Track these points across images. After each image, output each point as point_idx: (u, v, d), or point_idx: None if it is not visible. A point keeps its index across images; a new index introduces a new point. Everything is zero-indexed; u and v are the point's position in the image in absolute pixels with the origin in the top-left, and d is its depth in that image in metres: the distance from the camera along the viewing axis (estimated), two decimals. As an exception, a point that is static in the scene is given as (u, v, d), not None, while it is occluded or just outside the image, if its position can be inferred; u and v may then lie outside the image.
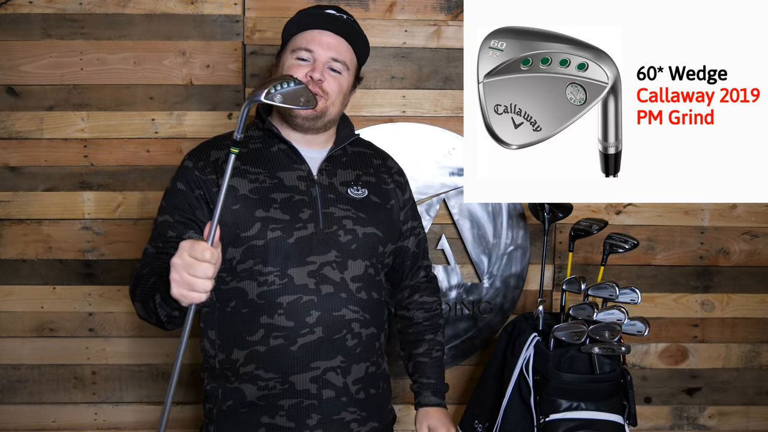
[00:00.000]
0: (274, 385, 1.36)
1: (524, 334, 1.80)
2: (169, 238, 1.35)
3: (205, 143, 1.48)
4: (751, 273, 2.19)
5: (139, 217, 2.05)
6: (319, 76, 1.41)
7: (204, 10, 2.01)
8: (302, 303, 1.35)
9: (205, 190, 1.38)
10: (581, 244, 2.10)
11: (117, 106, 2.03)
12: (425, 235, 1.67)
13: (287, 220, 1.37)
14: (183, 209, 1.38)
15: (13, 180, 2.03)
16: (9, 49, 1.99)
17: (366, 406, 1.43)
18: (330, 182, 1.45)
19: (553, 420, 1.70)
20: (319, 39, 1.43)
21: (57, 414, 2.12)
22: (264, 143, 1.47)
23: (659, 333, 2.18)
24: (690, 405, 2.23)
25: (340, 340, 1.37)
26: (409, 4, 2.05)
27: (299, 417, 1.37)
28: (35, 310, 2.08)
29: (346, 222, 1.41)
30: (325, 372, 1.37)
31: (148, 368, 2.12)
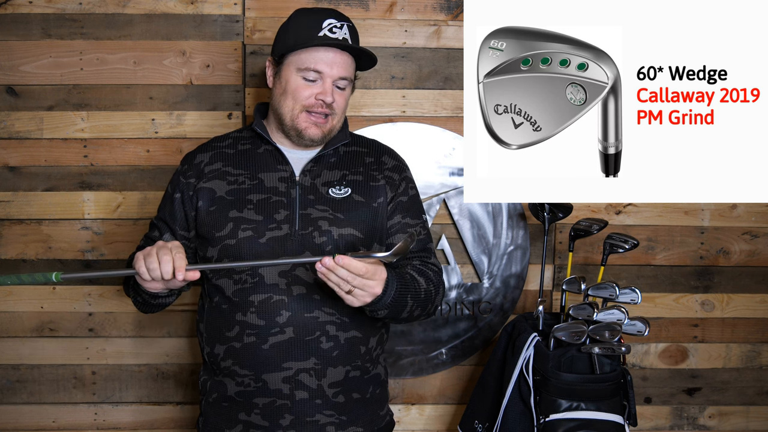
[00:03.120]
0: (249, 383, 1.39)
1: (524, 334, 1.80)
2: (153, 236, 1.50)
3: (200, 146, 1.56)
4: (751, 273, 2.19)
5: (139, 217, 2.05)
6: (330, 100, 1.42)
7: (204, 10, 2.01)
8: (273, 302, 1.37)
9: (184, 193, 1.48)
10: (581, 244, 2.10)
11: (117, 106, 2.03)
12: (428, 234, 1.57)
13: (260, 220, 1.40)
14: (163, 209, 1.52)
15: (13, 180, 2.03)
16: (9, 49, 1.99)
17: (346, 410, 1.42)
18: (312, 183, 1.45)
19: (553, 420, 1.70)
20: (326, 59, 1.42)
21: (57, 414, 2.12)
22: (252, 144, 1.51)
23: (659, 333, 2.18)
24: (690, 405, 2.23)
25: (313, 341, 1.37)
26: (409, 4, 2.05)
27: (272, 416, 1.38)
28: (35, 310, 2.08)
29: (322, 223, 1.41)
30: (298, 373, 1.37)
31: (148, 368, 2.12)
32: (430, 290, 1.42)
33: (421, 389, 2.17)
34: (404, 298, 1.35)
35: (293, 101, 1.43)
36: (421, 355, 2.13)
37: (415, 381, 2.16)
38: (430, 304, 1.44)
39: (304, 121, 1.44)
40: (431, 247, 1.55)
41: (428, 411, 2.18)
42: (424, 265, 1.48)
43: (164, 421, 2.14)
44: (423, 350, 2.13)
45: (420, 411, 2.17)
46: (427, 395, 2.17)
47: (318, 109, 1.43)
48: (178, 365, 2.12)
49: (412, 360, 2.13)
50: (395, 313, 1.35)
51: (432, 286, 1.44)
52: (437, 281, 1.47)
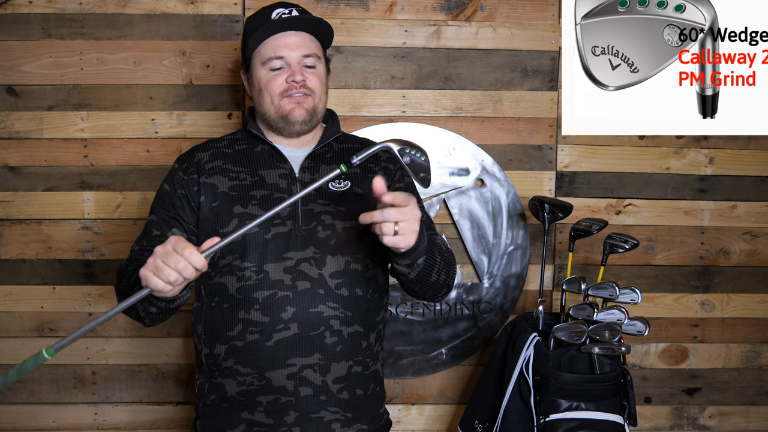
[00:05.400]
0: (252, 381, 1.38)
1: (524, 334, 1.80)
2: (153, 236, 1.40)
3: (194, 147, 1.55)
4: (751, 273, 2.19)
5: (139, 217, 2.05)
6: (300, 78, 1.43)
7: (204, 10, 2.01)
8: (277, 298, 1.36)
9: (187, 189, 1.45)
10: (581, 244, 2.10)
11: (117, 106, 2.02)
12: (429, 217, 1.52)
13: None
14: (166, 208, 1.44)
15: (13, 180, 2.03)
16: (9, 49, 1.99)
17: (351, 407, 1.42)
18: (312, 179, 1.46)
19: (553, 420, 1.70)
20: (284, 42, 1.44)
21: (57, 414, 2.12)
22: (249, 144, 1.51)
23: (659, 333, 2.18)
24: (690, 405, 2.23)
25: (317, 337, 1.37)
26: (409, 4, 2.05)
27: (277, 413, 1.37)
28: (35, 310, 2.08)
29: (325, 217, 1.42)
30: (302, 369, 1.37)
31: (148, 368, 2.12)
32: (450, 253, 1.43)
33: (421, 389, 2.17)
34: (433, 251, 1.33)
35: (269, 95, 1.45)
36: (421, 355, 2.13)
37: (415, 381, 2.16)
38: (452, 270, 1.43)
39: (287, 105, 1.45)
40: (433, 231, 1.51)
41: (428, 411, 2.18)
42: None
43: (164, 421, 2.14)
44: (423, 350, 2.13)
45: (420, 411, 2.17)
46: (427, 395, 2.17)
47: (293, 91, 1.44)
48: (178, 365, 2.11)
49: (412, 360, 2.13)
50: (429, 267, 1.33)
51: (449, 251, 1.44)
52: (450, 250, 1.46)
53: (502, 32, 2.06)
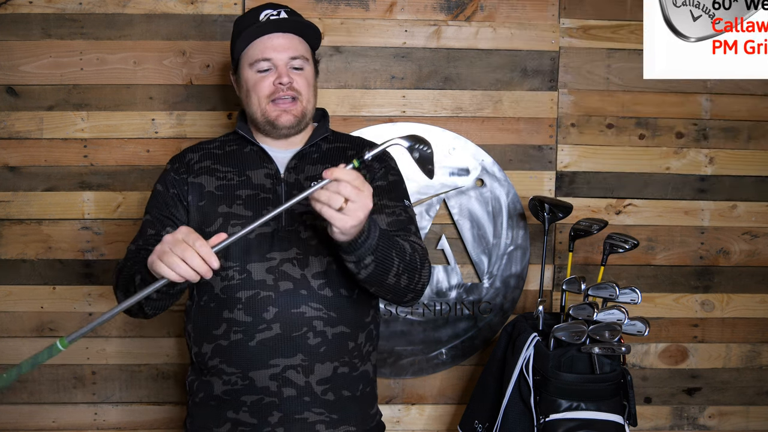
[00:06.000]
0: (236, 381, 1.39)
1: (524, 334, 1.80)
2: (149, 236, 1.44)
3: (187, 148, 1.56)
4: (751, 273, 2.19)
5: (139, 217, 2.05)
6: (287, 80, 1.43)
7: (204, 10, 2.01)
8: (260, 298, 1.37)
9: (179, 189, 1.46)
10: (581, 244, 2.10)
11: (117, 106, 2.02)
12: (409, 217, 1.47)
13: (249, 216, 1.40)
14: (160, 207, 1.47)
15: (13, 180, 2.03)
16: (9, 49, 1.99)
17: (337, 408, 1.41)
18: (296, 179, 1.46)
19: (553, 420, 1.70)
20: (271, 44, 1.44)
21: (57, 414, 2.12)
22: (239, 145, 1.52)
23: (659, 333, 2.18)
24: (690, 405, 2.23)
25: (299, 337, 1.37)
26: (409, 4, 2.05)
27: (261, 413, 1.38)
28: (35, 310, 2.08)
29: (307, 218, 1.42)
30: (285, 370, 1.37)
31: (148, 368, 2.12)
32: (414, 257, 1.34)
33: (421, 389, 2.17)
34: (389, 253, 1.27)
35: (256, 96, 1.45)
36: (421, 355, 2.13)
37: (415, 381, 2.16)
38: (417, 275, 1.35)
39: (273, 111, 1.45)
40: (413, 228, 1.47)
41: (428, 411, 2.18)
42: (405, 239, 1.40)
43: (164, 421, 2.14)
44: (423, 350, 2.13)
45: (420, 411, 2.17)
46: (427, 395, 2.17)
47: (280, 94, 1.44)
48: (178, 365, 2.12)
49: (412, 360, 2.13)
50: (382, 270, 1.27)
51: (417, 255, 1.35)
52: (422, 254, 1.38)
53: (502, 32, 2.06)
